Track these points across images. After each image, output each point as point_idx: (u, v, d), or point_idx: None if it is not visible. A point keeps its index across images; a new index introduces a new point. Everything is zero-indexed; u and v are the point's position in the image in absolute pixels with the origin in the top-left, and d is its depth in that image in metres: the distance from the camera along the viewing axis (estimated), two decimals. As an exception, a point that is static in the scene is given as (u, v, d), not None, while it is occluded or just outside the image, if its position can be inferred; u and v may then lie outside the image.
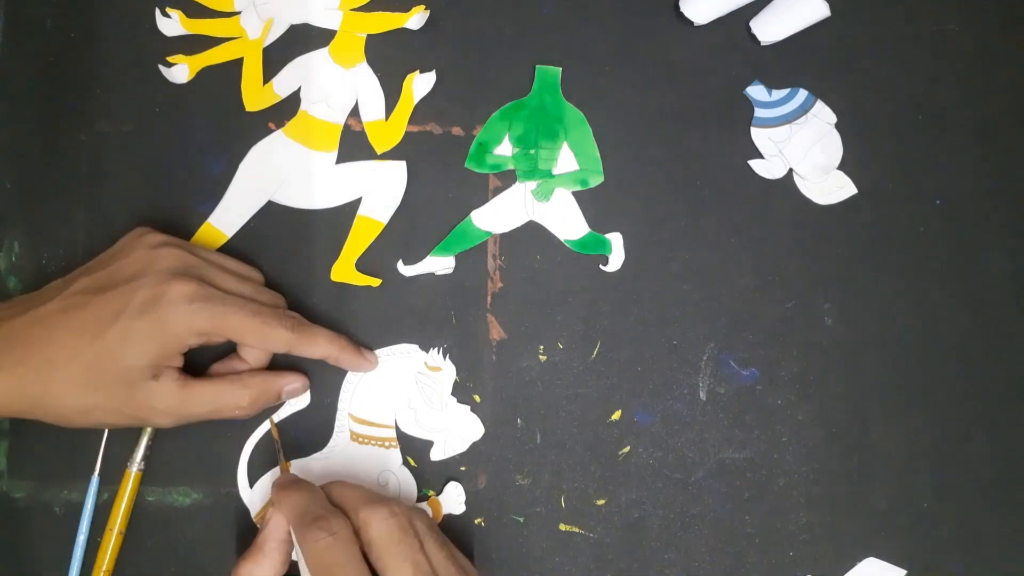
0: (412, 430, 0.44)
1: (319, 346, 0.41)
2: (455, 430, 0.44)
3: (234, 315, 0.39)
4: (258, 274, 0.44)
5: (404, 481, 0.43)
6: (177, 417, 0.39)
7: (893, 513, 0.44)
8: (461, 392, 0.44)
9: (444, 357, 0.44)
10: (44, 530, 0.43)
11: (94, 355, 0.37)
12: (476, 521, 0.44)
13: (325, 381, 0.44)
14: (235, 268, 0.42)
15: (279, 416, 0.44)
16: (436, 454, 0.44)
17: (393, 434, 0.44)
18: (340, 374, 0.44)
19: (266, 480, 0.43)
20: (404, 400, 0.44)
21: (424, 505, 0.43)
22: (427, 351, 0.44)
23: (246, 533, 0.43)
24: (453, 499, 0.43)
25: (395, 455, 0.44)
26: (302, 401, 0.44)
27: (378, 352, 0.44)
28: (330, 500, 0.38)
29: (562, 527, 0.44)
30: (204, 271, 0.40)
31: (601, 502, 0.44)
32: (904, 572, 0.44)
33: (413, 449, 0.44)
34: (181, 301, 0.37)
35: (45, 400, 0.38)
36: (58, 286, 0.40)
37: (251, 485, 0.43)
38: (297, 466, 0.43)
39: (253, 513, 0.43)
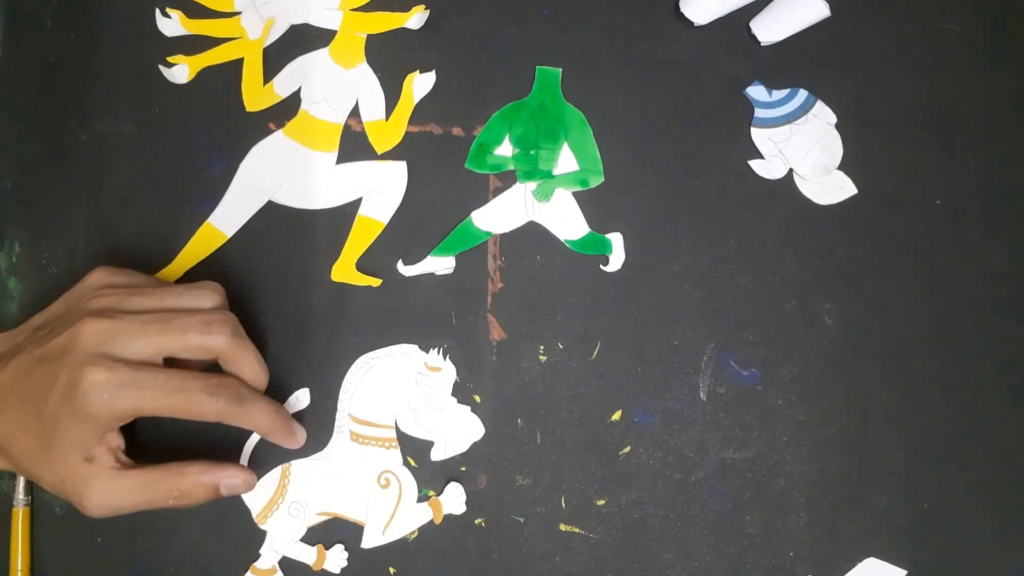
0: (412, 430, 0.44)
1: (252, 419, 0.39)
2: (455, 430, 0.44)
3: (155, 399, 0.36)
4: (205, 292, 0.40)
5: (405, 481, 0.44)
6: (106, 509, 0.37)
7: (893, 513, 0.44)
8: (461, 392, 0.44)
9: (444, 357, 0.44)
10: (45, 530, 0.43)
11: (37, 430, 0.37)
12: (476, 521, 0.44)
13: (325, 382, 0.44)
14: (163, 296, 0.39)
15: (249, 446, 0.43)
16: (436, 454, 0.44)
17: (393, 434, 0.44)
18: (340, 375, 0.44)
19: (267, 480, 0.43)
20: (404, 400, 0.44)
21: (424, 505, 0.43)
22: (427, 351, 0.44)
23: (246, 533, 0.43)
24: (454, 499, 0.43)
25: (395, 455, 0.44)
26: (301, 402, 0.44)
27: (378, 352, 0.44)
28: None
29: (562, 527, 0.44)
30: (126, 304, 0.38)
31: (601, 502, 0.44)
32: (904, 572, 0.44)
33: (413, 449, 0.44)
34: (97, 390, 0.35)
35: (8, 456, 0.38)
36: (12, 340, 0.39)
37: None
38: (297, 466, 0.43)
39: (254, 513, 0.43)
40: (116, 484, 0.37)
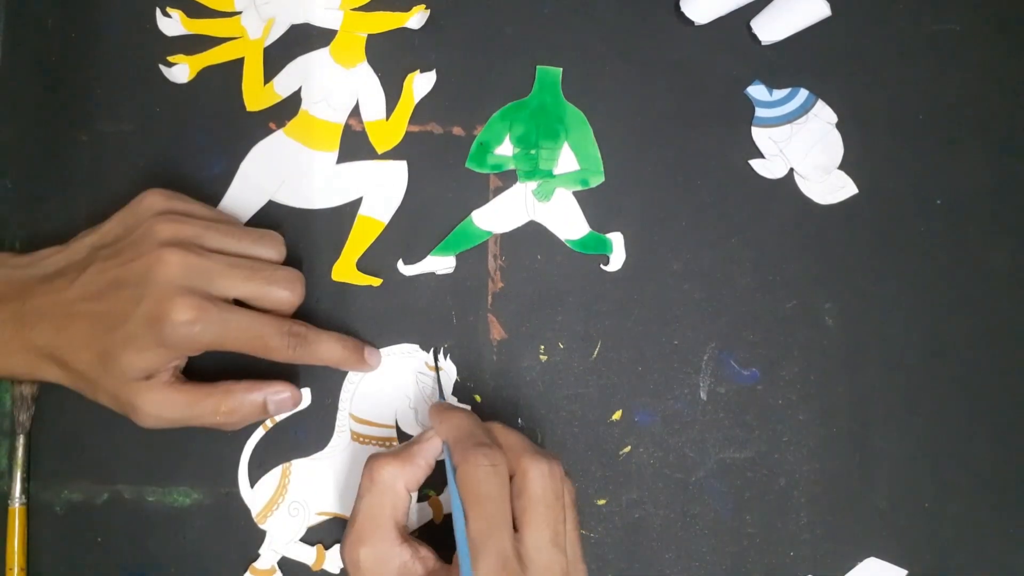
0: (413, 430, 0.44)
1: (320, 356, 0.41)
2: None
3: (235, 337, 0.38)
4: (239, 220, 0.43)
5: None
6: (156, 419, 0.39)
7: (893, 513, 0.44)
8: (462, 392, 0.44)
9: (445, 357, 0.44)
10: (44, 529, 0.43)
11: (103, 346, 0.38)
12: (476, 521, 0.44)
13: (325, 381, 0.44)
14: (238, 239, 0.41)
15: (280, 416, 0.44)
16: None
17: (394, 434, 0.44)
18: (340, 375, 0.44)
19: (267, 480, 0.43)
20: (405, 400, 0.44)
21: (424, 505, 0.43)
22: (428, 351, 0.44)
23: (246, 533, 0.43)
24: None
25: None
26: (302, 401, 0.44)
27: (380, 350, 0.44)
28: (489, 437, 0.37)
29: (562, 527, 0.44)
30: (204, 239, 0.39)
31: (601, 502, 0.44)
32: (904, 572, 0.44)
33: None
34: (185, 324, 0.37)
35: (66, 369, 0.39)
36: (69, 258, 0.40)
37: (252, 485, 0.43)
38: (297, 466, 0.43)
39: (254, 513, 0.43)
40: (168, 397, 0.39)
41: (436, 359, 0.44)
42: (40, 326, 0.38)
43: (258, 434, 0.43)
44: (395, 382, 0.44)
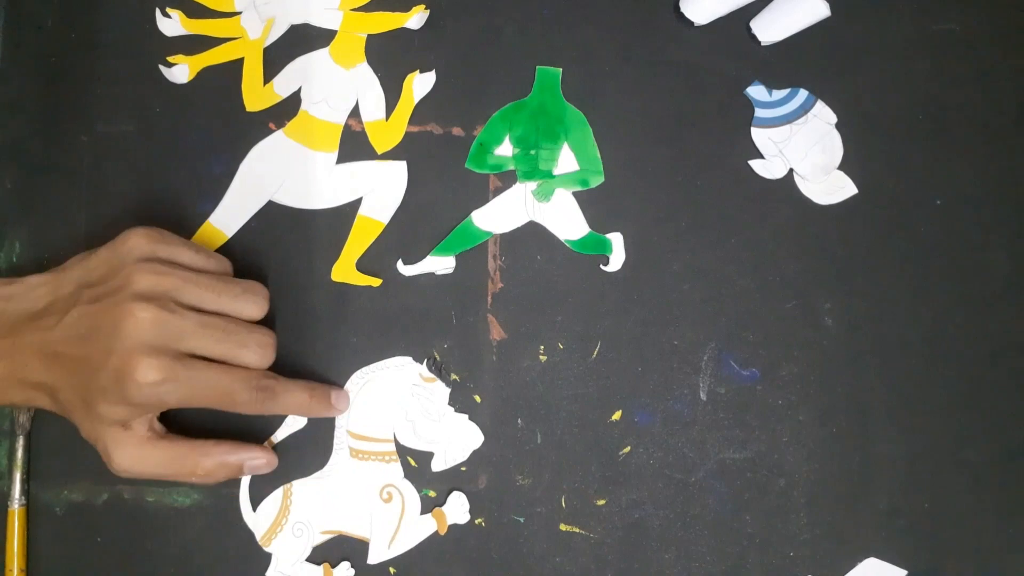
0: (411, 443, 0.44)
1: (288, 407, 0.41)
2: (454, 440, 0.44)
3: (203, 395, 0.38)
4: (226, 264, 0.42)
5: (407, 494, 0.43)
6: (128, 472, 0.39)
7: (893, 513, 0.44)
8: (461, 392, 0.44)
9: (440, 369, 0.44)
10: (44, 530, 0.43)
11: (84, 391, 0.38)
12: (476, 521, 0.44)
13: (324, 382, 0.44)
14: (207, 286, 0.40)
15: (277, 437, 0.44)
16: (437, 465, 0.44)
17: (392, 448, 0.44)
18: (340, 375, 0.44)
19: (269, 503, 0.43)
20: (401, 413, 0.44)
21: (428, 517, 0.43)
22: (422, 360, 0.44)
23: (246, 533, 0.43)
24: (457, 509, 0.43)
25: (396, 468, 0.44)
26: (299, 421, 0.44)
27: (372, 366, 0.44)
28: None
29: (562, 527, 0.44)
30: (182, 294, 0.38)
31: (601, 502, 0.44)
32: (904, 572, 0.44)
33: (413, 451, 0.44)
34: (148, 384, 0.36)
35: (57, 403, 0.39)
36: (56, 292, 0.39)
37: (253, 508, 0.43)
38: (298, 487, 0.43)
39: (258, 536, 0.43)
40: (145, 452, 0.39)
41: (433, 368, 0.44)
42: (31, 363, 0.38)
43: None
44: (390, 396, 0.44)
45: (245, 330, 0.39)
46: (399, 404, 0.44)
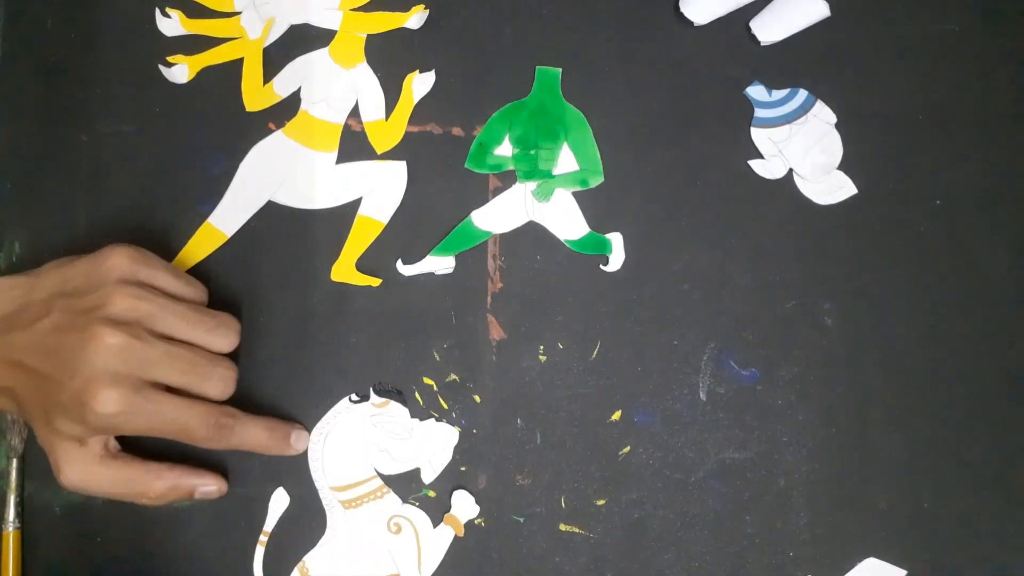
0: (393, 469, 0.44)
1: (246, 444, 0.41)
2: (432, 447, 0.44)
3: (161, 428, 0.38)
4: (203, 293, 0.42)
5: (414, 517, 0.43)
6: (75, 487, 0.39)
7: (893, 513, 0.44)
8: (461, 392, 0.44)
9: (388, 392, 0.44)
10: (43, 530, 0.43)
11: (43, 404, 0.38)
12: (476, 521, 0.44)
13: (297, 474, 0.44)
14: (184, 315, 0.40)
15: (269, 527, 0.43)
16: (427, 476, 0.44)
17: (379, 482, 0.44)
18: (339, 375, 0.44)
19: None
20: (372, 447, 0.44)
21: (443, 527, 0.43)
22: (365, 395, 0.44)
23: (247, 534, 0.43)
24: (465, 506, 0.43)
25: (391, 499, 0.44)
26: (282, 503, 0.43)
27: (324, 420, 0.44)
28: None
29: (562, 527, 0.44)
30: (155, 321, 0.38)
31: (601, 502, 0.44)
32: (904, 572, 0.44)
33: (400, 475, 0.44)
34: (106, 414, 0.36)
35: (20, 408, 0.39)
36: (29, 296, 0.39)
37: None
38: (311, 560, 0.43)
39: None
40: (96, 470, 0.39)
41: (381, 392, 0.44)
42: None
43: (259, 552, 0.43)
44: (354, 437, 0.44)
45: (210, 363, 0.39)
46: (365, 440, 0.44)
